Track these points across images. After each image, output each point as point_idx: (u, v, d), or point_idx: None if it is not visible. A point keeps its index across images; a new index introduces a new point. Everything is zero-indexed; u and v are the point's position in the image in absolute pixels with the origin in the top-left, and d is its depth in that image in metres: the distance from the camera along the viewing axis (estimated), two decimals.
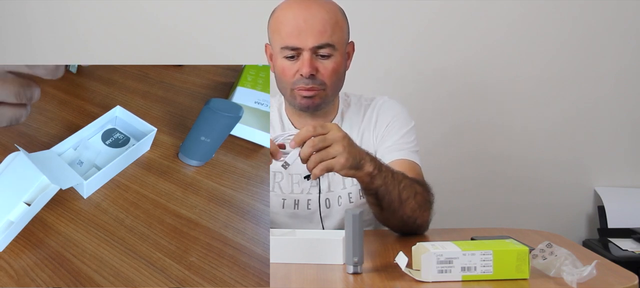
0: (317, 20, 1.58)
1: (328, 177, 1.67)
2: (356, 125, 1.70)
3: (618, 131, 2.43)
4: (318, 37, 1.58)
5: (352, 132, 1.68)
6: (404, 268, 1.17)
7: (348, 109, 1.73)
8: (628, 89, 2.42)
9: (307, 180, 1.66)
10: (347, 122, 1.70)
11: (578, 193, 2.45)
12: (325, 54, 1.59)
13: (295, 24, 1.58)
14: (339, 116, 1.71)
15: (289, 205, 1.66)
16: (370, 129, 1.70)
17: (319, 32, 1.57)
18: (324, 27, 1.58)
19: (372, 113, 1.71)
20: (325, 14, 1.59)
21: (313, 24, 1.57)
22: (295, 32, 1.58)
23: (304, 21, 1.57)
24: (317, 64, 1.59)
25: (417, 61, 2.40)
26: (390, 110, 1.72)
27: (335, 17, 1.61)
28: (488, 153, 2.43)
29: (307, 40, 1.57)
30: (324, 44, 1.58)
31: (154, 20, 2.39)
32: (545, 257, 1.17)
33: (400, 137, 1.67)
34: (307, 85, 1.60)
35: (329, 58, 1.60)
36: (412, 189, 1.49)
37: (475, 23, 2.39)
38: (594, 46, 2.40)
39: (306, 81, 1.59)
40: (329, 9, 1.61)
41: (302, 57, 1.59)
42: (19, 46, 2.40)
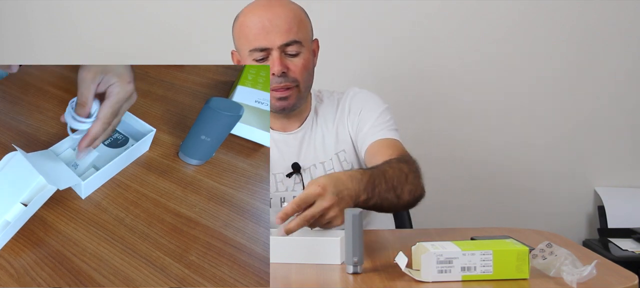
0: (282, 19, 1.61)
1: (310, 172, 1.70)
2: (331, 120, 1.74)
3: (618, 131, 2.43)
4: (285, 35, 1.61)
5: (327, 126, 1.72)
6: (403, 268, 1.17)
7: (321, 104, 1.77)
8: (628, 90, 2.42)
9: (288, 178, 1.70)
10: (322, 118, 1.74)
11: (578, 193, 2.45)
12: (293, 52, 1.63)
13: (261, 25, 1.61)
14: (312, 113, 1.75)
15: (275, 204, 1.70)
16: (344, 120, 1.73)
17: (285, 31, 1.61)
18: (289, 25, 1.62)
19: (344, 104, 1.74)
20: (289, 13, 1.63)
21: (278, 23, 1.61)
22: (262, 33, 1.61)
23: (269, 21, 1.61)
24: (287, 63, 1.63)
25: (418, 62, 2.40)
26: (360, 98, 1.75)
27: (299, 16, 1.65)
28: (488, 153, 2.44)
29: (274, 39, 1.61)
30: (291, 41, 1.62)
31: (154, 20, 2.39)
32: (545, 257, 1.17)
33: (376, 119, 1.69)
34: (280, 83, 1.63)
35: (297, 55, 1.64)
36: (402, 176, 1.47)
37: (474, 23, 2.39)
38: (595, 47, 2.40)
39: (278, 80, 1.63)
40: (291, 8, 1.65)
41: (272, 56, 1.62)
42: (19, 46, 2.40)
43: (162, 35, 2.40)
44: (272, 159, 1.72)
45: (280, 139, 1.74)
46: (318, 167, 1.71)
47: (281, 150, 1.73)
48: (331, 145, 1.72)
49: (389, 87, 2.38)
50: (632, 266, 1.31)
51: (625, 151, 2.44)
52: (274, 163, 1.72)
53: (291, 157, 1.72)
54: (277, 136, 1.74)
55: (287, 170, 1.70)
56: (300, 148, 1.72)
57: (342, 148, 1.72)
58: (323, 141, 1.72)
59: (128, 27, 2.39)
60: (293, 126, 1.74)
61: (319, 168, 1.71)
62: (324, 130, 1.73)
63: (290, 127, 1.74)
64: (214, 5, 2.38)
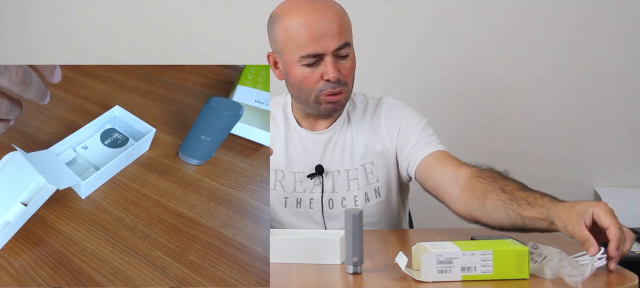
0: (333, 22, 1.55)
1: (333, 177, 1.66)
2: (362, 129, 1.68)
3: (618, 131, 2.43)
4: (337, 39, 1.55)
5: (357, 134, 1.67)
6: (403, 268, 1.17)
7: (354, 108, 1.71)
8: (628, 89, 2.42)
9: (310, 179, 1.65)
10: (353, 124, 1.69)
11: (578, 193, 2.44)
12: (344, 54, 1.58)
13: (313, 31, 1.54)
14: (345, 116, 1.69)
15: (291, 204, 1.66)
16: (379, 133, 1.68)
17: (337, 34, 1.55)
18: (340, 28, 1.56)
19: (379, 116, 1.69)
20: (336, 14, 1.57)
21: (330, 27, 1.55)
22: (315, 39, 1.54)
23: (320, 25, 1.54)
24: (339, 66, 1.58)
25: (419, 62, 2.40)
26: (398, 112, 1.69)
27: (344, 15, 1.60)
28: (488, 152, 2.43)
29: (328, 45, 1.55)
30: (343, 44, 1.57)
31: (154, 20, 2.39)
32: (536, 260, 1.17)
33: (420, 133, 1.65)
34: (335, 88, 1.58)
35: (346, 58, 1.59)
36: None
37: (474, 23, 2.39)
38: (594, 46, 2.40)
39: (333, 85, 1.58)
40: (336, 8, 1.59)
41: (325, 62, 1.56)
42: (19, 46, 2.40)
43: (162, 35, 2.40)
44: (296, 157, 1.67)
45: (307, 137, 1.68)
46: (342, 174, 1.66)
47: (306, 149, 1.67)
48: (359, 154, 1.66)
49: (390, 88, 2.38)
50: (632, 266, 1.30)
51: (625, 151, 2.44)
52: (297, 161, 1.66)
53: (315, 156, 1.66)
54: (304, 134, 1.68)
55: (309, 170, 1.65)
56: (325, 150, 1.67)
57: (371, 160, 1.66)
58: (351, 148, 1.67)
59: (128, 27, 2.39)
60: (322, 126, 1.68)
61: (342, 176, 1.66)
62: (354, 137, 1.68)
63: (318, 127, 1.68)
64: (214, 5, 2.38)
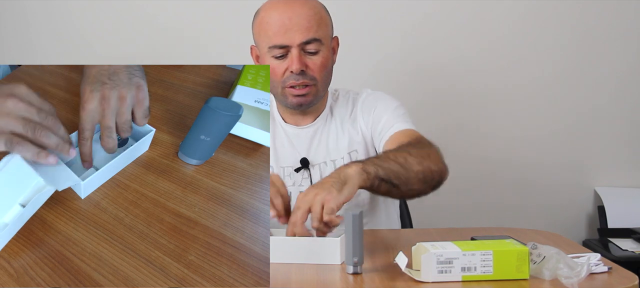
0: (302, 17, 1.61)
1: (320, 169, 1.70)
2: (345, 120, 1.73)
3: (618, 131, 2.43)
4: (305, 33, 1.61)
5: (341, 126, 1.72)
6: (403, 269, 1.17)
7: (336, 103, 1.76)
8: (628, 90, 2.42)
9: (297, 172, 1.69)
10: (336, 117, 1.74)
11: (578, 193, 2.45)
12: (312, 50, 1.63)
13: (281, 23, 1.61)
14: (327, 111, 1.75)
15: None
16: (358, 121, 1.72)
17: (305, 28, 1.61)
18: (310, 23, 1.61)
19: (357, 105, 1.74)
20: (309, 11, 1.63)
21: (299, 21, 1.61)
22: (281, 31, 1.61)
23: (289, 19, 1.61)
24: (306, 60, 1.63)
25: (421, 59, 2.40)
26: (374, 97, 1.74)
27: (320, 13, 1.65)
28: (488, 152, 2.43)
29: (294, 37, 1.61)
30: (310, 39, 1.62)
31: (154, 20, 2.39)
32: (535, 261, 1.17)
33: (391, 113, 1.69)
34: (298, 80, 1.63)
35: (316, 54, 1.64)
36: (406, 150, 1.46)
37: (474, 24, 2.39)
38: (595, 47, 2.40)
39: (296, 77, 1.63)
40: (312, 5, 1.65)
41: (291, 54, 1.62)
42: (19, 46, 2.40)
43: (162, 35, 2.40)
44: (282, 152, 1.73)
45: (292, 132, 1.74)
46: (329, 165, 1.70)
47: (292, 144, 1.73)
48: (344, 144, 1.71)
49: (389, 87, 2.38)
50: (632, 266, 1.31)
51: (625, 151, 2.44)
52: (284, 156, 1.72)
53: (301, 150, 1.72)
54: (289, 130, 1.74)
55: (296, 164, 1.70)
56: (311, 143, 1.72)
57: (355, 148, 1.71)
58: (336, 139, 1.72)
59: (128, 27, 2.39)
60: (306, 121, 1.74)
61: (329, 166, 1.70)
62: (338, 129, 1.73)
63: (303, 122, 1.74)
64: (214, 5, 2.38)
